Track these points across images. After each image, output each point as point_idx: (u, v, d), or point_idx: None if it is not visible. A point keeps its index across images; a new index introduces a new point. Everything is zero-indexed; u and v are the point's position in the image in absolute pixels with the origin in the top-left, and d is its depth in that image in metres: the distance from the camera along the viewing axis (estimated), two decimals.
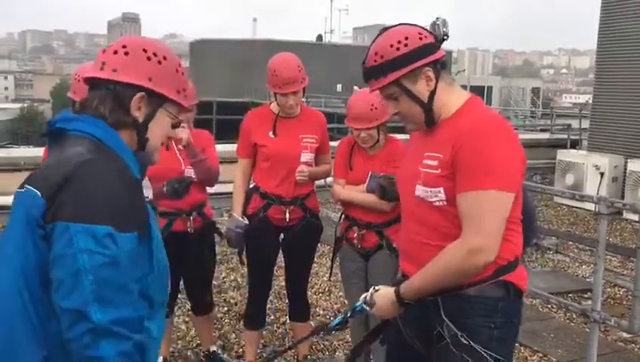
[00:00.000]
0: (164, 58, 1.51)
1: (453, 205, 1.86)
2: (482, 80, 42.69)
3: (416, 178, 1.95)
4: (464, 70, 74.04)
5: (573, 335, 4.43)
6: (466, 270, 1.82)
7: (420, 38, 1.89)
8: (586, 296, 5.14)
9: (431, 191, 1.89)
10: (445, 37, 1.91)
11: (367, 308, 2.04)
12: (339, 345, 4.18)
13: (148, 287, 1.39)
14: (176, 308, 4.03)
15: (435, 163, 1.89)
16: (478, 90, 35.70)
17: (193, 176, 3.38)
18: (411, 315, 1.99)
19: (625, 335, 4.44)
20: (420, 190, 1.93)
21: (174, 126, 1.57)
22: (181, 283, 3.70)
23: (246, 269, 5.60)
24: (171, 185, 3.29)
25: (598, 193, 8.47)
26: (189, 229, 3.43)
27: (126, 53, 1.47)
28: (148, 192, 2.84)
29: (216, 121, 25.54)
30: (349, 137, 3.42)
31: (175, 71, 1.53)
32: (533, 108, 31.93)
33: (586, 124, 12.82)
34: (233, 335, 4.31)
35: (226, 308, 4.81)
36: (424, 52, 1.88)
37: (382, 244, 3.23)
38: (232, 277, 5.58)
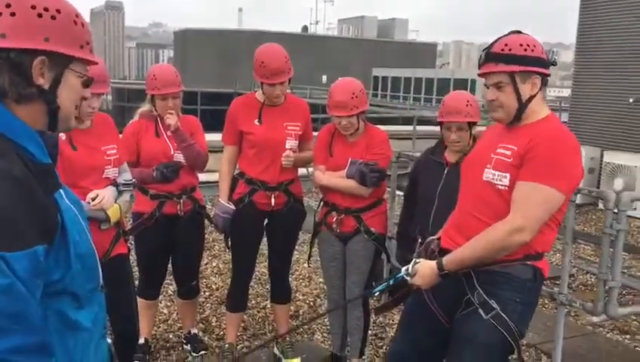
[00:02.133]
0: (58, 11, 1.28)
1: (511, 192, 2.12)
2: (467, 73, 42.88)
3: (486, 162, 2.21)
4: (448, 63, 74.25)
5: (544, 319, 4.57)
6: (505, 246, 2.08)
7: (542, 52, 2.18)
8: (557, 282, 5.27)
9: (498, 174, 2.16)
10: (554, 64, 2.23)
11: (408, 278, 2.27)
12: (317, 328, 4.29)
13: (70, 284, 1.26)
14: None
15: (508, 152, 2.16)
16: (462, 83, 36.04)
17: (182, 161, 3.46)
18: (442, 285, 2.22)
19: (594, 319, 4.57)
20: (488, 173, 2.19)
21: (86, 85, 1.38)
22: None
23: (228, 256, 5.75)
24: (160, 169, 3.38)
25: None
26: (179, 212, 3.51)
27: (12, 14, 1.23)
28: (127, 175, 2.92)
29: (200, 111, 25.48)
30: (329, 125, 3.51)
31: (73, 24, 1.31)
32: None
33: (565, 117, 13.03)
34: (214, 319, 4.40)
35: (207, 293, 4.90)
36: (540, 63, 2.17)
37: (360, 229, 3.33)
38: (215, 264, 5.67)
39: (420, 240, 3.15)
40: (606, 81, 10.16)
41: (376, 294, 2.46)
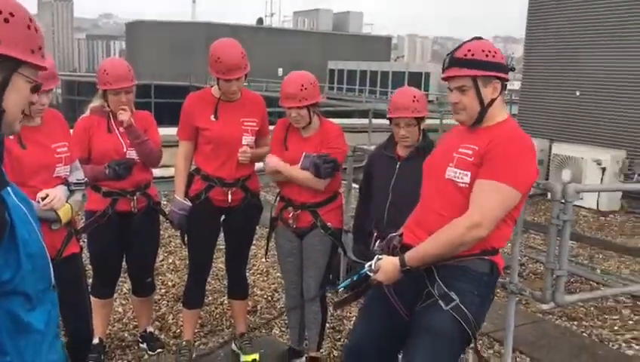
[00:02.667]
0: (11, 14, 1.27)
1: (472, 190, 2.22)
2: (421, 66, 43.45)
3: (449, 161, 2.31)
4: (403, 56, 74.94)
5: (497, 308, 4.66)
6: (463, 241, 2.18)
7: (501, 58, 2.30)
8: (508, 271, 5.42)
9: (460, 172, 2.26)
10: (512, 69, 2.36)
11: (372, 274, 2.32)
12: (275, 323, 4.30)
13: (20, 284, 1.25)
14: None
15: (470, 152, 2.26)
16: (416, 77, 36.50)
17: (135, 158, 3.40)
18: (402, 279, 2.30)
19: (544, 307, 4.75)
20: (450, 171, 2.29)
21: (34, 90, 1.38)
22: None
23: (184, 252, 5.69)
24: (112, 167, 3.32)
25: None
26: (133, 209, 3.46)
27: None
28: (78, 174, 2.86)
29: (154, 105, 25.03)
30: (284, 118, 3.51)
31: (26, 28, 1.31)
32: None
33: (515, 109, 13.36)
34: (170, 317, 4.36)
35: (163, 290, 4.84)
36: (501, 68, 2.29)
37: (316, 224, 3.35)
38: (170, 260, 5.61)
39: (375, 233, 3.20)
40: (554, 75, 10.48)
41: (339, 290, 2.49)
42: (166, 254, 5.72)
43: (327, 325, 3.89)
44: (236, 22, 51.98)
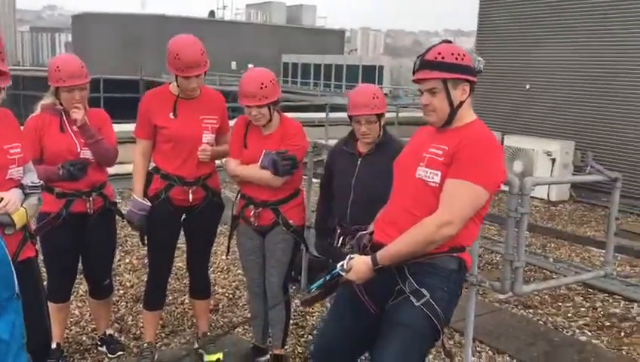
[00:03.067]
0: None
1: (442, 189, 2.26)
2: (374, 59, 43.76)
3: (419, 161, 2.34)
4: (356, 49, 75.29)
5: None
6: (434, 239, 2.23)
7: (470, 61, 2.35)
8: None
9: (430, 172, 2.30)
10: (479, 72, 2.38)
11: (344, 274, 2.33)
12: (238, 321, 4.26)
13: None
14: None
15: (440, 152, 2.31)
16: (370, 70, 36.78)
17: (90, 157, 3.31)
18: (374, 278, 2.32)
19: (500, 296, 4.87)
20: (420, 170, 2.33)
21: None
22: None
23: (142, 251, 5.59)
24: (66, 167, 3.21)
25: None
26: (88, 211, 3.36)
27: None
28: (32, 176, 2.75)
29: (104, 99, 24.41)
30: (243, 116, 3.46)
31: None
32: None
33: None
34: (130, 318, 4.27)
35: (122, 291, 4.74)
36: (469, 71, 2.35)
37: (278, 221, 3.33)
38: (127, 260, 5.49)
39: (339, 230, 3.21)
40: (505, 68, 10.73)
41: (312, 290, 2.48)
42: (123, 254, 5.60)
43: (291, 321, 3.88)
44: (188, 14, 51.00)
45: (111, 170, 3.66)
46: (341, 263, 2.36)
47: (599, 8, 9.33)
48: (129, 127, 10.50)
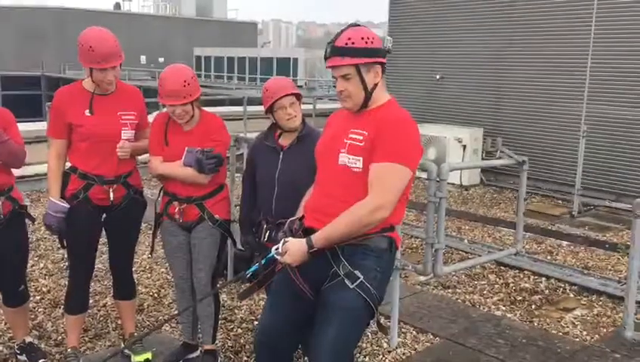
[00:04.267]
0: None
1: (366, 173, 2.32)
2: (288, 52, 43.75)
3: (340, 147, 2.38)
4: (270, 42, 74.95)
5: None
6: (369, 222, 2.29)
7: (380, 43, 2.37)
8: None
9: (353, 158, 2.34)
10: (389, 52, 2.41)
11: (279, 257, 2.35)
12: (164, 319, 4.19)
13: None
14: None
15: (360, 137, 2.35)
16: (284, 62, 36.79)
17: None
18: (309, 263, 2.36)
19: (421, 278, 5.08)
20: (343, 157, 2.37)
21: None
22: None
23: (57, 255, 5.36)
24: None
25: None
26: None
27: None
28: None
29: (2, 97, 23.00)
30: (162, 113, 3.40)
31: None
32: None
33: None
34: (49, 324, 4.10)
35: (38, 297, 4.53)
36: (380, 53, 2.38)
37: (203, 216, 3.31)
38: (42, 265, 5.25)
39: (264, 225, 3.22)
40: (416, 59, 11.09)
41: (247, 275, 2.48)
42: (37, 258, 5.35)
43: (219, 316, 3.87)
44: (91, 7, 48.83)
45: (17, 172, 3.49)
46: (276, 246, 2.37)
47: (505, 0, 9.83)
48: (33, 126, 10.01)
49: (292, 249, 2.33)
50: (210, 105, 15.10)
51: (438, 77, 10.71)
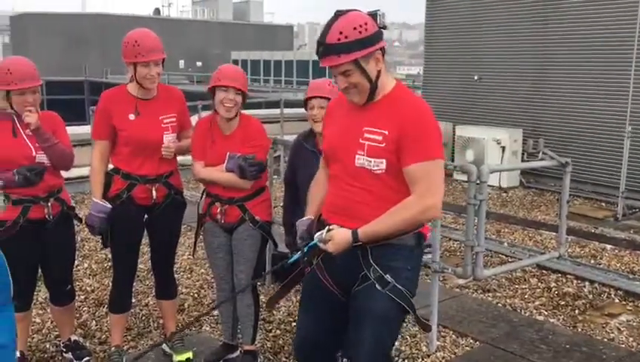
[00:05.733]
0: None
1: (389, 173, 2.22)
2: None
3: (356, 149, 2.24)
4: (305, 44, 75.19)
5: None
6: (418, 222, 2.25)
7: (373, 26, 2.17)
8: (426, 251, 5.68)
9: (375, 161, 2.22)
10: (384, 27, 2.21)
11: (322, 244, 2.26)
12: (205, 319, 4.25)
13: None
14: None
15: (379, 138, 2.21)
16: (318, 65, 36.79)
17: (46, 162, 3.23)
18: (336, 263, 2.33)
19: (460, 282, 5.02)
20: (362, 160, 2.24)
21: None
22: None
23: (100, 255, 5.49)
24: (22, 173, 3.12)
25: None
26: (46, 216, 3.29)
27: None
28: None
29: (47, 102, 23.65)
30: (204, 119, 3.47)
31: None
32: None
33: (419, 94, 13.85)
34: (94, 323, 4.20)
35: (83, 296, 4.65)
36: (378, 37, 2.18)
37: (244, 218, 3.34)
38: (86, 265, 5.38)
39: None
40: (454, 60, 10.97)
41: (288, 264, 2.45)
42: (81, 259, 5.49)
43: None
44: (131, 12, 49.87)
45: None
46: (319, 233, 2.28)
47: None
48: (77, 130, 10.30)
49: (337, 238, 2.23)
50: (247, 108, 15.25)
51: (476, 77, 10.57)
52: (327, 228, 2.28)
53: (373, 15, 2.21)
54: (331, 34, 2.14)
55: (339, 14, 2.18)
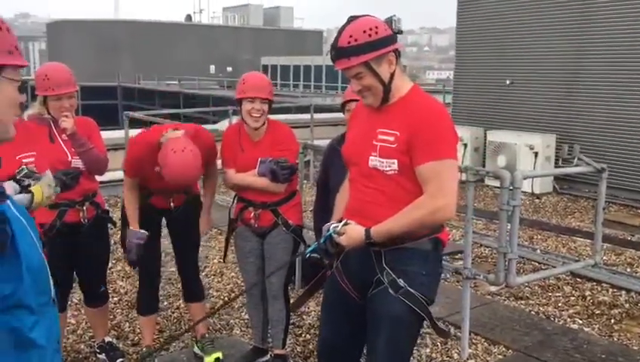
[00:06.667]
0: None
1: (402, 174, 2.21)
2: None
3: (370, 150, 2.26)
4: None
5: (447, 293, 4.86)
6: (431, 223, 2.22)
7: (385, 29, 2.20)
8: (457, 256, 5.62)
9: (387, 161, 2.22)
10: (400, 32, 2.25)
11: (336, 236, 2.27)
12: (235, 323, 4.28)
13: (23, 298, 1.24)
14: None
15: (391, 138, 2.22)
16: None
17: (81, 167, 3.30)
18: (353, 267, 2.35)
19: (492, 289, 4.95)
20: (374, 160, 2.24)
21: (20, 90, 1.39)
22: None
23: None
24: (59, 177, 3.18)
25: (462, 163, 9.18)
26: (82, 220, 3.36)
27: None
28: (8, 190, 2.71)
29: (82, 107, 24.17)
30: (232, 127, 3.51)
31: None
32: None
33: (449, 98, 13.74)
34: (127, 325, 4.26)
35: (116, 298, 4.72)
36: (390, 40, 2.21)
37: (277, 222, 3.36)
38: (120, 267, 5.47)
39: None
40: (485, 64, 10.85)
41: (307, 255, 2.45)
42: (114, 261, 5.57)
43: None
44: (163, 19, 50.66)
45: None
46: (335, 224, 2.29)
47: (579, 1, 9.47)
48: (110, 135, 10.48)
49: (350, 233, 2.24)
50: (276, 113, 15.34)
51: (508, 82, 10.44)
52: (344, 221, 2.29)
53: (389, 21, 2.26)
54: (342, 38, 2.19)
55: (351, 19, 2.23)
